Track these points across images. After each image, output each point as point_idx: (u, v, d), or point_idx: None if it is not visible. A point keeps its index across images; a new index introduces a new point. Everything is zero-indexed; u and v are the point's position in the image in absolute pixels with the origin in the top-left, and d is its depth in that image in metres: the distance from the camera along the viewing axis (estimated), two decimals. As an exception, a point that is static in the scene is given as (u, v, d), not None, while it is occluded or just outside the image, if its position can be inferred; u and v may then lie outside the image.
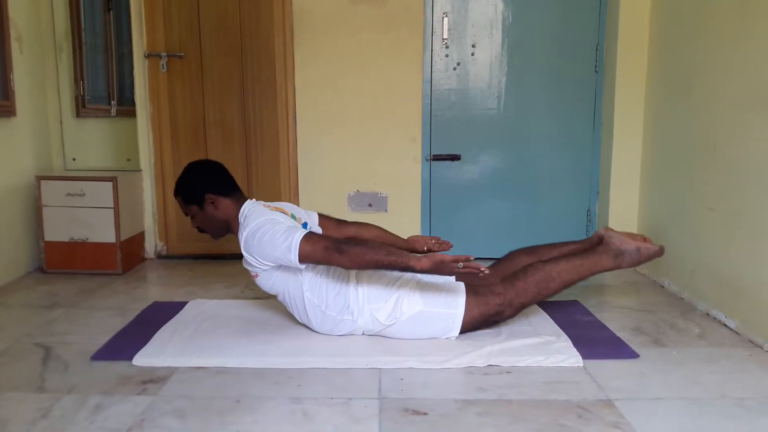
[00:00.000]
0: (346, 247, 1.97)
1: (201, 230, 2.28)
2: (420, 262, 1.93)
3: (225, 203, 2.20)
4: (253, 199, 2.26)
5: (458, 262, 1.91)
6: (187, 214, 2.26)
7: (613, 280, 2.96)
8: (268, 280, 2.13)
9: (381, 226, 2.50)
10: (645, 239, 2.32)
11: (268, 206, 2.22)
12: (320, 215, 2.42)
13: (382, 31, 3.28)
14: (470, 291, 2.14)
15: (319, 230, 2.34)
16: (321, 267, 2.15)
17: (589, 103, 3.32)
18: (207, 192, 2.18)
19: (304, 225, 2.26)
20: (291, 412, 1.66)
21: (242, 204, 2.21)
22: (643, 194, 3.16)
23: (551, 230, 3.37)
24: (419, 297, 2.11)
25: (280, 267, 2.08)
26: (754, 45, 2.21)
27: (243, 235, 2.08)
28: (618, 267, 2.26)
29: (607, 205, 3.25)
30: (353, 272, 2.18)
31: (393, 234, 2.49)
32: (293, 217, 2.24)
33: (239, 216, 2.18)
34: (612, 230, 2.35)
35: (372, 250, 1.96)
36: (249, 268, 2.13)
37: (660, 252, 2.30)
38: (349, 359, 1.99)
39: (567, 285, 2.20)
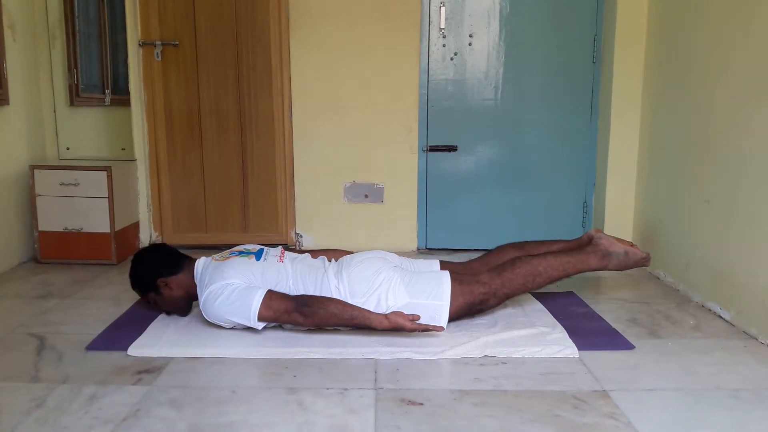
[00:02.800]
0: (307, 311, 2.01)
1: (168, 313, 2.28)
2: (382, 323, 2.01)
3: (177, 280, 2.20)
4: (202, 258, 2.23)
5: (415, 330, 2.02)
6: (149, 303, 2.27)
7: (609, 272, 2.95)
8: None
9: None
10: (632, 245, 2.34)
11: (218, 258, 2.20)
12: (284, 248, 2.36)
13: (378, 20, 3.26)
14: (455, 280, 2.14)
15: (277, 251, 2.28)
16: (299, 271, 2.16)
17: (586, 94, 3.31)
18: (158, 278, 2.20)
19: (259, 252, 2.23)
20: (286, 402, 1.66)
21: (192, 268, 2.20)
22: (639, 186, 3.16)
23: (547, 222, 3.38)
24: (404, 290, 2.11)
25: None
26: (751, 37, 2.20)
27: (201, 300, 2.09)
28: (604, 268, 2.29)
29: (604, 196, 3.25)
30: (332, 270, 2.18)
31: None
32: (246, 252, 2.22)
33: (195, 280, 2.17)
34: (602, 232, 2.37)
35: (334, 314, 2.01)
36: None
37: (647, 259, 2.33)
38: (344, 350, 1.99)
39: (552, 280, 2.22)
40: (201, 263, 2.21)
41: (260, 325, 2.05)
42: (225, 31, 3.27)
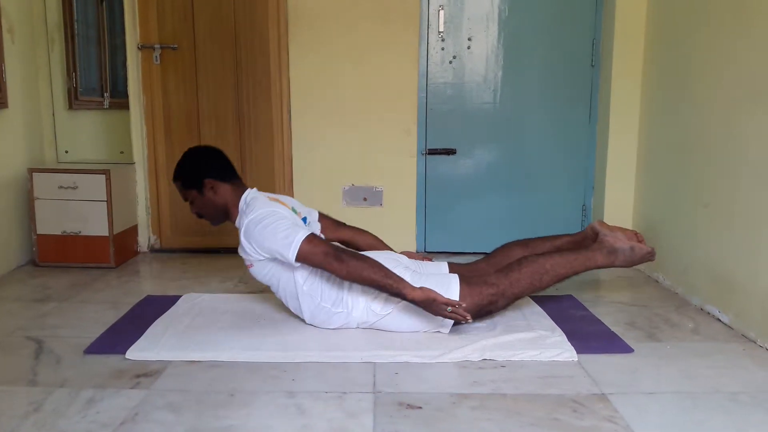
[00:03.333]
0: (346, 257, 1.99)
1: (199, 215, 2.27)
2: (414, 292, 1.98)
3: (224, 189, 2.19)
4: (255, 188, 2.25)
5: (448, 306, 1.98)
6: (185, 199, 2.25)
7: (608, 275, 2.97)
8: (262, 270, 2.13)
9: (376, 234, 2.51)
10: (637, 235, 2.34)
11: (270, 197, 2.21)
12: (320, 214, 2.42)
13: (377, 24, 3.26)
14: (463, 281, 2.14)
15: (318, 227, 2.33)
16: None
17: (584, 97, 3.32)
18: (207, 177, 2.18)
19: (303, 220, 2.26)
20: (285, 406, 1.66)
21: (242, 192, 2.22)
22: (638, 189, 3.16)
23: (546, 225, 3.37)
24: None
25: (275, 259, 2.08)
26: (750, 40, 2.21)
27: (244, 222, 2.07)
28: (611, 265, 2.28)
29: (602, 199, 3.25)
30: None
31: (387, 245, 2.49)
32: (294, 211, 2.24)
33: (240, 203, 2.18)
34: (606, 225, 2.36)
35: (371, 268, 1.98)
36: (244, 255, 2.13)
37: (652, 254, 2.32)
38: (343, 353, 1.98)
39: (560, 279, 2.21)
40: (253, 192, 2.21)
41: (296, 261, 2.01)
42: (224, 35, 3.27)
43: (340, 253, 2.00)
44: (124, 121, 3.37)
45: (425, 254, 2.54)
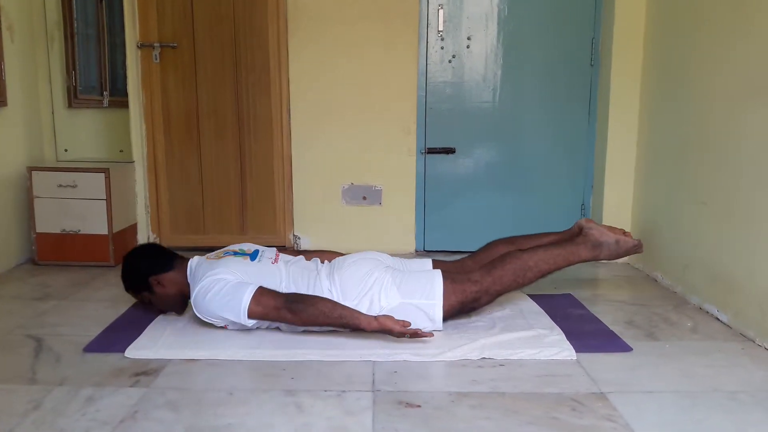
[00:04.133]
0: (296, 308, 2.00)
1: (164, 311, 2.29)
2: (371, 324, 1.99)
3: (170, 277, 2.21)
4: (195, 257, 2.24)
5: (404, 334, 1.99)
6: (143, 302, 2.28)
7: (606, 274, 2.97)
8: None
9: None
10: (625, 233, 2.34)
11: (212, 257, 2.21)
12: (278, 249, 2.37)
13: (377, 23, 3.26)
14: (447, 278, 2.14)
15: (272, 252, 2.30)
16: (292, 273, 2.17)
17: (584, 96, 3.32)
18: (149, 276, 2.20)
19: (254, 253, 2.25)
20: (284, 404, 1.66)
21: (185, 268, 2.21)
22: (637, 188, 3.16)
23: (545, 224, 3.35)
24: (396, 290, 2.11)
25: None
26: (749, 39, 2.21)
27: (192, 297, 2.10)
28: (596, 258, 2.28)
29: (601, 198, 3.25)
30: (324, 272, 2.18)
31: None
32: (241, 252, 2.24)
33: (188, 278, 2.18)
34: (593, 222, 2.37)
35: (323, 312, 1.99)
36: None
37: (638, 246, 2.32)
38: (342, 352, 1.99)
39: (544, 274, 2.22)
40: (194, 261, 2.21)
41: (250, 323, 2.04)
42: (223, 33, 3.27)
43: (290, 304, 2.00)
44: (124, 120, 3.37)
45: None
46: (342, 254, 2.39)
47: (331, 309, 2.00)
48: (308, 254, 2.39)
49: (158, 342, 2.05)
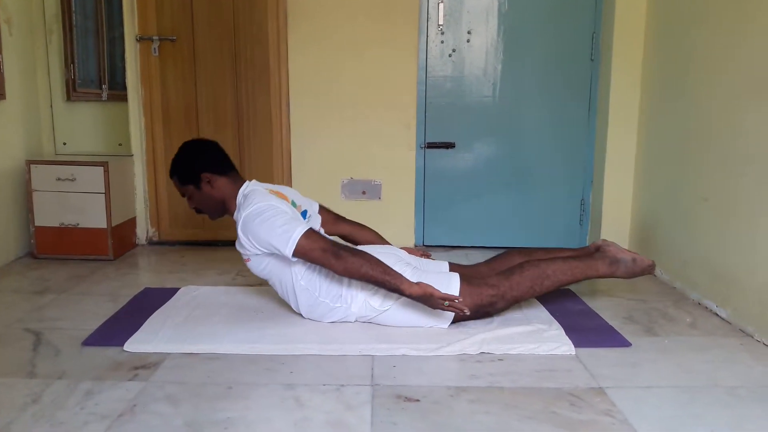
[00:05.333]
0: (343, 254, 1.98)
1: (198, 211, 2.26)
2: (411, 287, 1.97)
3: (222, 182, 2.18)
4: (254, 180, 2.24)
5: (445, 300, 1.98)
6: (183, 195, 2.24)
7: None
8: (259, 265, 2.13)
9: (375, 228, 2.51)
10: (637, 255, 2.34)
11: (269, 189, 2.20)
12: (321, 206, 2.41)
13: (377, 17, 3.25)
14: (464, 281, 2.14)
15: (318, 219, 2.33)
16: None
17: (584, 91, 3.31)
18: (203, 171, 2.16)
19: (303, 213, 2.25)
20: (283, 398, 1.66)
21: (240, 184, 2.20)
22: (637, 183, 3.16)
23: (545, 219, 3.38)
24: None
25: (273, 254, 2.07)
26: (750, 34, 2.20)
27: (241, 216, 2.06)
28: (612, 275, 2.26)
29: (601, 194, 3.25)
30: None
31: (386, 241, 2.49)
32: (293, 203, 2.22)
33: (238, 196, 2.17)
34: (609, 241, 2.37)
35: (369, 264, 1.98)
36: (241, 250, 2.12)
37: (652, 267, 2.31)
38: (341, 346, 1.99)
39: (561, 285, 2.21)
40: (252, 184, 2.19)
41: (293, 258, 2.01)
42: (223, 27, 3.26)
43: (338, 250, 1.99)
44: (123, 113, 3.36)
45: (424, 250, 2.52)
46: (379, 235, 2.43)
47: (377, 264, 1.99)
48: (345, 225, 2.43)
49: (157, 336, 2.05)
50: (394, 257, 2.20)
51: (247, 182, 2.22)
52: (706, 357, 1.96)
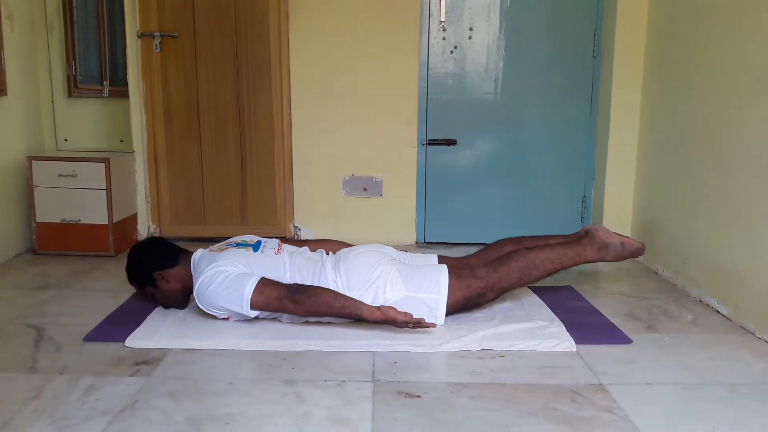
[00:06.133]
0: (299, 297, 1.99)
1: (166, 306, 2.27)
2: (373, 314, 1.99)
3: (174, 273, 2.20)
4: (199, 250, 2.24)
5: (408, 323, 1.98)
6: (146, 297, 2.27)
7: (607, 267, 2.97)
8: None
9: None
10: (628, 239, 2.35)
11: (214, 249, 2.21)
12: (281, 240, 2.37)
13: (378, 14, 3.24)
14: (453, 274, 2.14)
15: (275, 243, 2.30)
16: (296, 263, 2.17)
17: (586, 88, 3.31)
18: (154, 272, 2.19)
19: (257, 243, 2.25)
20: (284, 394, 1.66)
21: (189, 262, 2.20)
22: (638, 180, 3.16)
23: (546, 216, 3.37)
24: (401, 283, 2.11)
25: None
26: (753, 32, 2.20)
27: (195, 289, 2.09)
28: (601, 259, 2.29)
29: (603, 191, 3.24)
30: (330, 263, 2.18)
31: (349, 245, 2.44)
32: (243, 243, 2.23)
33: (192, 272, 2.17)
34: (599, 226, 2.37)
35: (326, 302, 1.99)
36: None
37: (642, 249, 2.34)
38: (342, 342, 1.99)
39: (549, 273, 2.22)
40: (198, 255, 2.21)
41: (253, 313, 2.04)
42: (224, 23, 3.26)
43: (293, 295, 2.00)
44: (124, 110, 3.36)
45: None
46: (346, 243, 2.40)
47: (334, 299, 2.00)
48: (311, 244, 2.39)
49: (159, 331, 2.06)
50: (380, 254, 2.20)
51: (193, 254, 2.22)
52: (707, 354, 1.96)
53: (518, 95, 3.33)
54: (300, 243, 2.41)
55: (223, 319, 2.12)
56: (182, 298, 2.25)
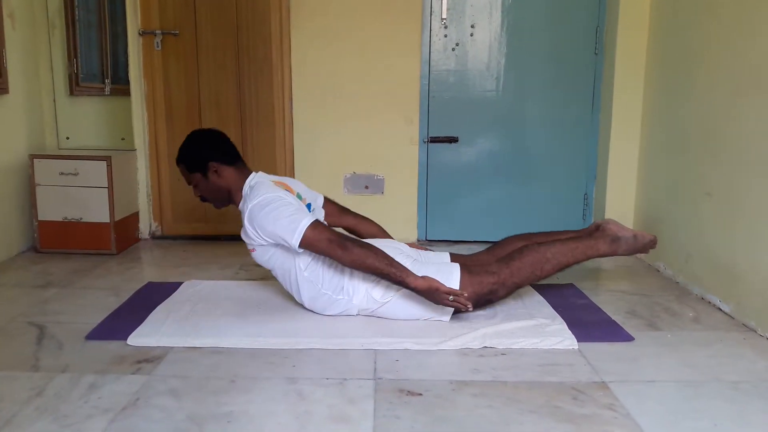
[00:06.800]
0: (349, 245, 1.99)
1: (203, 199, 2.27)
2: (416, 281, 1.98)
3: (228, 172, 2.19)
4: (260, 172, 2.24)
5: (450, 295, 1.98)
6: (189, 183, 2.25)
7: (609, 264, 2.97)
8: (264, 255, 2.14)
9: (379, 224, 2.51)
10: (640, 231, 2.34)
11: (275, 181, 2.21)
12: (325, 198, 2.42)
13: (380, 11, 3.24)
14: (464, 270, 2.14)
15: (322, 212, 2.33)
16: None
17: (588, 85, 3.30)
18: (210, 160, 2.18)
19: (308, 206, 2.26)
20: (286, 392, 1.66)
21: (246, 175, 2.21)
22: (640, 178, 3.15)
23: (548, 214, 3.37)
24: None
25: (278, 245, 2.07)
26: (754, 29, 2.19)
27: (248, 206, 2.07)
28: (613, 253, 2.27)
29: (604, 188, 3.24)
30: None
31: (389, 234, 2.49)
32: (299, 196, 2.23)
33: (244, 187, 2.18)
34: (610, 219, 2.37)
35: (375, 256, 1.98)
36: (246, 240, 2.13)
37: (654, 242, 2.33)
38: (344, 340, 1.99)
39: (562, 267, 2.20)
40: (258, 176, 2.21)
41: (299, 249, 2.02)
42: (225, 21, 3.25)
43: (344, 241, 2.00)
44: (126, 108, 3.36)
45: (421, 244, 2.52)
46: (381, 228, 2.44)
47: (383, 257, 1.99)
48: (349, 217, 2.43)
49: (160, 330, 2.06)
50: (395, 250, 2.20)
51: (253, 173, 2.23)
52: (709, 351, 1.96)
53: (520, 93, 3.32)
54: (340, 210, 2.44)
55: (250, 249, 2.12)
56: (224, 197, 2.23)
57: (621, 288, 2.63)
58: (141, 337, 2.00)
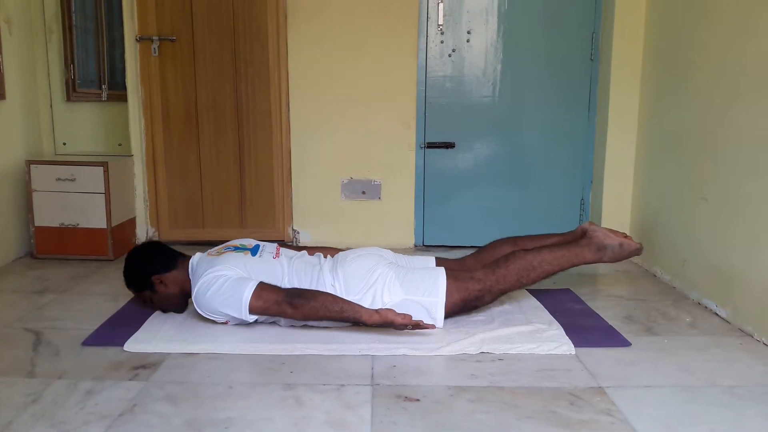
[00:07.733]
0: (298, 302, 1.99)
1: (164, 310, 2.27)
2: (372, 317, 1.98)
3: (172, 277, 2.20)
4: (197, 254, 2.24)
5: (407, 325, 1.97)
6: (144, 302, 2.26)
7: (606, 270, 2.97)
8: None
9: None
10: (626, 236, 2.34)
11: (213, 253, 2.21)
12: (279, 244, 2.38)
13: (376, 16, 3.25)
14: (450, 276, 2.14)
15: (273, 247, 2.30)
16: (295, 267, 2.17)
17: (584, 91, 3.31)
18: (152, 275, 2.19)
19: (255, 248, 2.25)
20: (283, 398, 1.66)
21: (187, 265, 2.20)
22: (636, 183, 3.16)
23: (544, 219, 3.38)
24: (399, 286, 2.11)
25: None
26: (750, 33, 2.20)
27: (193, 294, 2.09)
28: (599, 260, 2.28)
29: (601, 193, 3.25)
30: (327, 267, 2.18)
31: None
32: (242, 247, 2.23)
33: (190, 276, 2.17)
34: (596, 225, 2.37)
35: (325, 305, 1.98)
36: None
37: (640, 250, 2.32)
38: (341, 346, 1.99)
39: (547, 275, 2.21)
40: (196, 258, 2.21)
41: (251, 318, 2.04)
42: (222, 27, 3.26)
43: (291, 298, 1.99)
44: (123, 113, 3.36)
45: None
46: (339, 250, 2.39)
47: (332, 302, 2.00)
48: (310, 250, 2.39)
49: (157, 336, 2.06)
50: (377, 257, 2.20)
51: (191, 258, 2.22)
52: (706, 356, 1.96)
53: (516, 98, 3.33)
54: (298, 248, 2.41)
55: (222, 323, 2.12)
56: (180, 301, 2.25)
57: (618, 293, 2.64)
58: (138, 343, 1.99)
